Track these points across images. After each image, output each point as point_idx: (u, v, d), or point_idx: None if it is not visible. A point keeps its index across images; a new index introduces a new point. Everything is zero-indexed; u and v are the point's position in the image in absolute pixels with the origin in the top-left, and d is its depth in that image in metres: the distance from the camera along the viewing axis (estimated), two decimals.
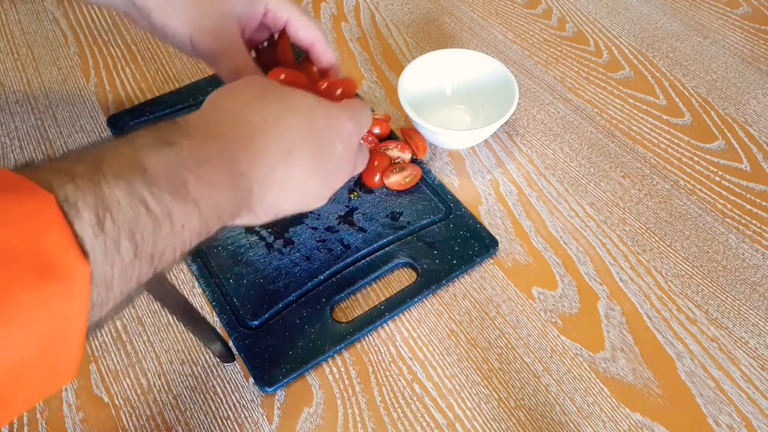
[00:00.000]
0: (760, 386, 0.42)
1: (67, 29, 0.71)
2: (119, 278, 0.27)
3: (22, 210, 0.23)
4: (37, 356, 0.23)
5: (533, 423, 0.41)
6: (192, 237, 0.31)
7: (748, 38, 0.67)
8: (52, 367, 0.25)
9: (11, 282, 0.22)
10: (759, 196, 0.53)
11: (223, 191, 0.32)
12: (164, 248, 0.29)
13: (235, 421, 0.42)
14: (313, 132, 0.38)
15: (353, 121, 0.41)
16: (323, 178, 0.39)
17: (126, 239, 0.26)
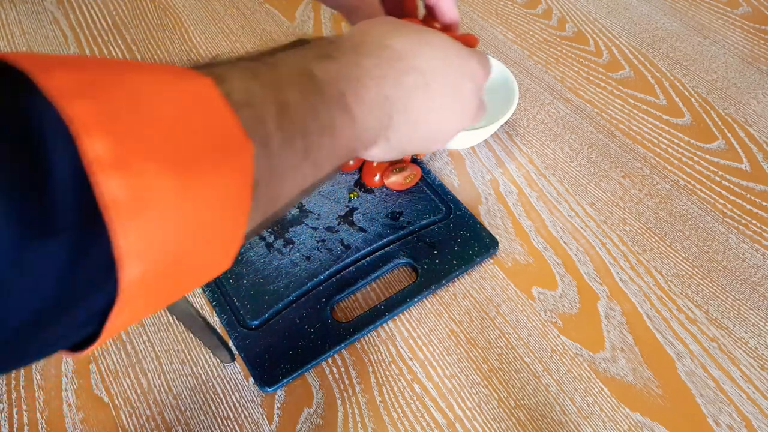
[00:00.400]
0: (760, 386, 0.42)
1: (67, 29, 0.71)
2: (291, 176, 0.28)
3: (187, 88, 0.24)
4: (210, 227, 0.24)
5: (533, 423, 0.41)
6: (343, 152, 0.33)
7: (748, 38, 0.67)
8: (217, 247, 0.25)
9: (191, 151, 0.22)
10: (759, 196, 0.53)
11: (371, 109, 0.34)
12: (325, 157, 0.31)
13: (235, 421, 0.42)
14: (448, 67, 0.39)
15: (481, 65, 0.42)
16: (452, 115, 0.40)
17: (299, 138, 0.28)
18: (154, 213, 0.21)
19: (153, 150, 0.21)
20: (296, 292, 0.46)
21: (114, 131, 0.20)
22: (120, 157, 0.20)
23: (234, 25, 0.71)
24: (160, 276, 0.22)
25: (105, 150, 0.19)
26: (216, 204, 0.23)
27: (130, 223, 0.20)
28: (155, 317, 0.47)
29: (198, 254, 0.24)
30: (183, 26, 0.71)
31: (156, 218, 0.21)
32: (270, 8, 0.73)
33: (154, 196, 0.21)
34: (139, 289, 0.22)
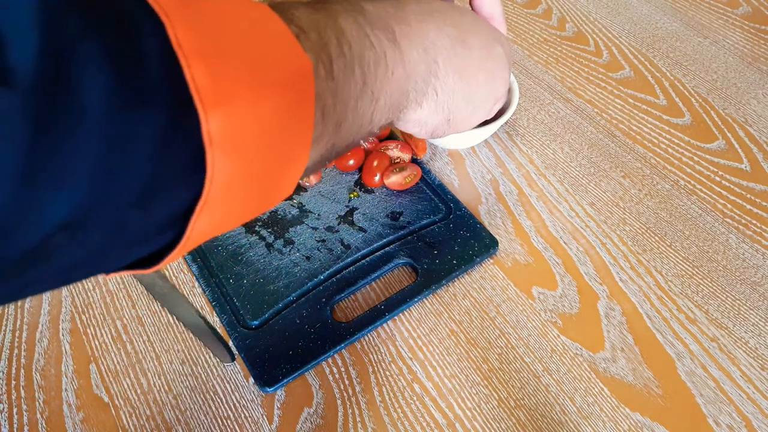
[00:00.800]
0: (760, 386, 0.42)
1: None
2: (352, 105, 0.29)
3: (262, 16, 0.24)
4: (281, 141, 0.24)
5: (533, 423, 0.41)
6: (397, 92, 0.34)
7: (748, 38, 0.67)
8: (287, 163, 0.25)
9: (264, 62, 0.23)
10: (759, 196, 0.53)
11: (419, 50, 0.35)
12: (380, 90, 0.32)
13: (235, 421, 0.42)
14: (481, 30, 0.40)
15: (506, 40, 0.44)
16: (488, 76, 0.41)
17: (358, 66, 0.29)
18: (236, 107, 0.21)
19: (232, 50, 0.21)
20: (296, 292, 0.46)
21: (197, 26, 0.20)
22: (203, 50, 0.20)
23: None
24: (241, 177, 0.23)
25: (192, 37, 0.20)
26: (285, 112, 0.24)
27: (217, 110, 0.20)
28: (155, 317, 0.47)
29: (271, 164, 0.24)
30: None
31: (239, 111, 0.21)
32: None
33: (237, 91, 0.21)
34: (222, 186, 0.22)
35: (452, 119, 0.41)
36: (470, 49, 0.39)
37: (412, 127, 0.40)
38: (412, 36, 0.34)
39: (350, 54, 0.29)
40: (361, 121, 0.31)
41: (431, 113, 0.39)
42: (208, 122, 0.20)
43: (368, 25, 0.31)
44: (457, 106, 0.40)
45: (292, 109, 0.24)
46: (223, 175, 0.21)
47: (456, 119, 0.41)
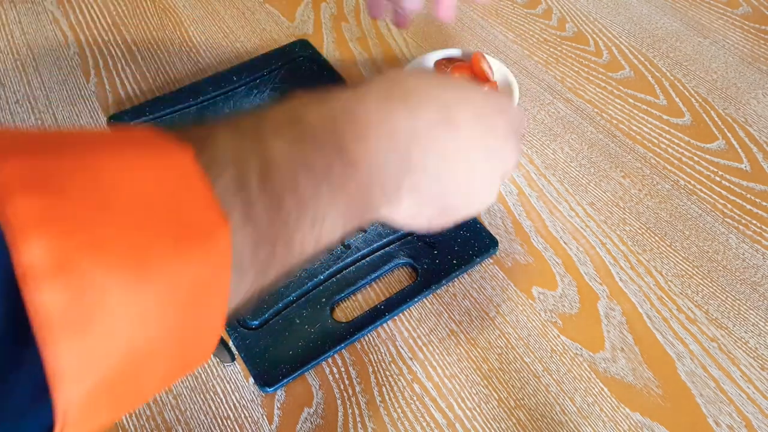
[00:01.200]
0: (760, 386, 0.42)
1: (67, 29, 0.71)
2: (283, 241, 0.25)
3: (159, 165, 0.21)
4: (175, 325, 0.21)
5: (533, 423, 0.41)
6: (354, 205, 0.29)
7: (748, 38, 0.67)
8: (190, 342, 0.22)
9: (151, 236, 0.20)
10: (759, 196, 0.53)
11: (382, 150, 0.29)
12: (326, 211, 0.27)
13: (235, 421, 0.42)
14: (470, 102, 0.34)
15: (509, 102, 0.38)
16: (490, 153, 0.34)
17: (289, 195, 0.25)
18: (101, 322, 0.18)
19: (106, 244, 0.18)
20: (296, 292, 0.46)
21: (59, 228, 0.18)
22: (62, 260, 0.17)
23: (234, 25, 0.71)
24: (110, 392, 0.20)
25: (44, 254, 0.17)
26: (183, 296, 0.20)
27: (67, 340, 0.17)
28: None
29: (162, 357, 0.21)
30: (183, 26, 0.71)
31: (104, 329, 0.18)
32: (270, 8, 0.73)
33: (103, 302, 0.18)
34: (83, 411, 0.19)
35: (448, 207, 0.35)
36: (457, 126, 0.32)
37: (400, 222, 0.34)
38: (371, 137, 0.29)
39: (279, 183, 0.24)
40: (300, 252, 0.27)
41: (415, 208, 0.33)
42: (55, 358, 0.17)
43: (306, 142, 0.26)
44: (450, 193, 0.34)
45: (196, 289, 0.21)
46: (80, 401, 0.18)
47: (453, 206, 0.35)
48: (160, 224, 0.20)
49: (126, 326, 0.19)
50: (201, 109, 0.60)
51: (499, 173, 0.36)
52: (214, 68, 0.65)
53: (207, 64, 0.66)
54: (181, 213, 0.21)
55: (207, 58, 0.67)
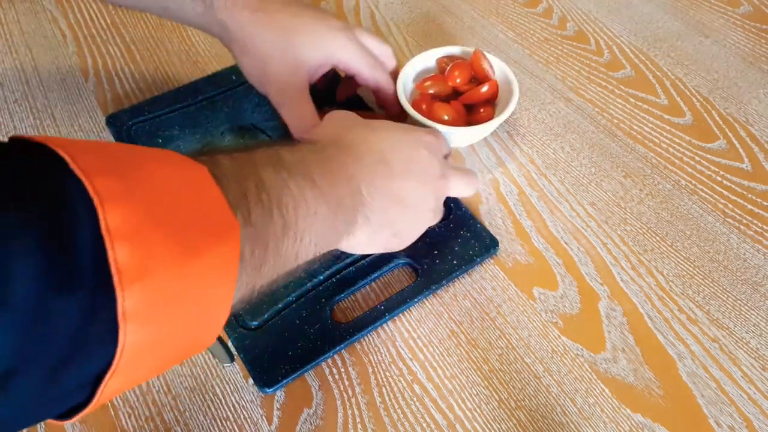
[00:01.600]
0: (761, 387, 0.42)
1: (66, 28, 0.70)
2: (273, 248, 0.31)
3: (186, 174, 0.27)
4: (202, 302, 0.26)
5: (534, 424, 0.41)
6: (323, 229, 0.35)
7: (749, 38, 0.67)
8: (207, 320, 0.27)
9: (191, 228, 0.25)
10: (760, 196, 0.53)
11: (341, 186, 0.37)
12: (304, 230, 0.33)
13: (235, 422, 0.41)
14: (398, 143, 0.43)
15: (430, 134, 0.45)
16: (419, 183, 0.43)
17: (276, 210, 0.31)
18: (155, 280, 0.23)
19: (160, 225, 0.24)
20: (296, 292, 0.46)
21: (129, 205, 0.23)
22: (132, 229, 0.23)
23: None
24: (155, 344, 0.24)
25: (120, 220, 0.22)
26: (210, 277, 0.26)
27: (134, 287, 0.22)
28: None
29: (190, 325, 0.26)
30: (182, 26, 0.71)
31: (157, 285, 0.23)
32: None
33: (158, 264, 0.23)
34: (134, 354, 0.23)
35: (398, 232, 0.43)
36: (391, 167, 0.41)
37: (359, 250, 0.43)
38: (331, 175, 0.36)
39: (268, 200, 0.31)
40: (285, 261, 0.33)
41: (370, 235, 0.41)
42: (123, 300, 0.22)
43: (285, 172, 0.33)
44: (396, 220, 0.42)
45: (217, 268, 0.26)
46: (135, 345, 0.23)
47: (402, 231, 0.43)
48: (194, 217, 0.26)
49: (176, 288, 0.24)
50: (200, 109, 0.60)
51: (433, 197, 0.44)
52: (214, 67, 0.65)
53: (206, 64, 0.66)
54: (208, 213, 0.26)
55: (206, 57, 0.67)
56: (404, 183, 0.41)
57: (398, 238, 0.43)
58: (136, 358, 0.24)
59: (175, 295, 0.24)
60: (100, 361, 0.23)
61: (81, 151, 0.23)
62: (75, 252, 0.21)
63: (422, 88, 0.56)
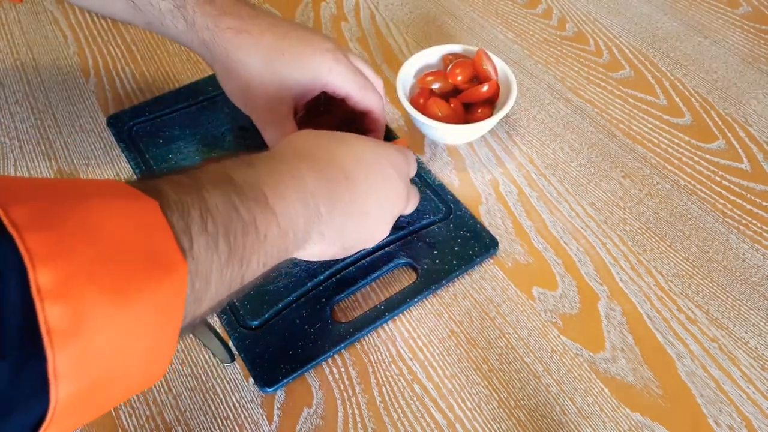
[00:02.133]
0: (760, 386, 0.42)
1: (67, 29, 0.71)
2: (216, 277, 0.30)
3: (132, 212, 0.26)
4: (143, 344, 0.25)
5: (533, 423, 0.41)
6: (272, 250, 0.34)
7: (748, 38, 0.67)
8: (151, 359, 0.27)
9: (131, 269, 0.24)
10: (759, 196, 0.53)
11: (295, 206, 0.35)
12: (251, 255, 0.32)
13: (235, 422, 0.42)
14: (363, 159, 0.41)
15: (399, 152, 0.44)
16: (382, 201, 0.42)
17: (222, 239, 0.30)
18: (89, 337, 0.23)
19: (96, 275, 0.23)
20: (296, 292, 0.46)
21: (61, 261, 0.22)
22: (63, 286, 0.22)
23: None
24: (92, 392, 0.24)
25: (51, 280, 0.22)
26: (151, 320, 0.25)
27: (65, 347, 0.22)
28: None
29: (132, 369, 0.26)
30: None
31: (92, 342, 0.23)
32: (270, 8, 0.73)
33: (92, 321, 0.23)
34: (70, 405, 0.23)
35: (348, 246, 0.42)
36: (354, 184, 0.39)
37: (305, 258, 0.41)
38: (286, 196, 0.35)
39: (214, 229, 0.29)
40: (229, 286, 0.32)
41: (322, 248, 0.40)
42: (54, 360, 0.22)
43: (235, 195, 0.31)
44: (349, 237, 0.41)
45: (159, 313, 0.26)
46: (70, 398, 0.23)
47: (354, 246, 0.43)
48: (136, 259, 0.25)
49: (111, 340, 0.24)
50: (201, 109, 0.60)
51: (390, 214, 0.43)
52: None
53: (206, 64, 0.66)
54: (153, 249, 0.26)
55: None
56: (366, 201, 0.40)
57: (347, 250, 0.43)
58: (72, 408, 0.24)
59: (112, 347, 0.24)
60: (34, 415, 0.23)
61: (14, 201, 0.22)
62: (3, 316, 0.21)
63: (423, 82, 0.56)
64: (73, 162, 0.57)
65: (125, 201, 0.26)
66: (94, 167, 0.57)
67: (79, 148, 0.58)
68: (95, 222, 0.24)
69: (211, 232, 0.29)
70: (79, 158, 0.58)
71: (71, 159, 0.58)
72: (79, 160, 0.57)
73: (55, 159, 0.58)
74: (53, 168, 0.57)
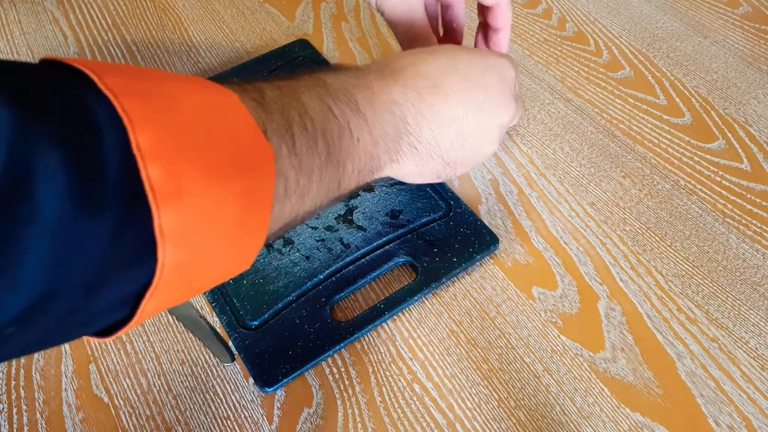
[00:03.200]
0: (760, 386, 0.42)
1: (67, 29, 0.71)
2: (317, 176, 0.31)
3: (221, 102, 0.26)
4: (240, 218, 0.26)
5: (533, 423, 0.41)
6: (366, 157, 0.35)
7: (748, 38, 0.67)
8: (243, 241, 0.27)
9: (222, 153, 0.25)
10: (759, 196, 0.53)
11: (383, 114, 0.36)
12: (347, 158, 0.33)
13: (235, 421, 0.42)
14: (455, 67, 0.40)
15: (505, 59, 0.43)
16: (480, 107, 0.40)
17: (321, 139, 0.31)
18: (188, 200, 0.23)
19: (191, 148, 0.23)
20: (296, 292, 0.46)
21: (160, 126, 0.22)
22: (162, 150, 0.22)
23: (234, 25, 0.71)
24: (193, 265, 0.24)
25: (150, 142, 0.22)
26: (243, 198, 0.25)
27: (169, 205, 0.22)
28: (155, 317, 0.47)
29: (226, 249, 0.26)
30: (183, 26, 0.71)
31: (191, 205, 0.23)
32: (270, 8, 0.73)
33: (192, 188, 0.23)
34: (173, 273, 0.23)
35: (451, 161, 0.41)
36: (445, 92, 0.38)
37: (410, 180, 0.42)
38: (375, 102, 0.36)
39: (312, 128, 0.30)
40: (328, 189, 0.33)
41: (419, 164, 0.39)
42: (160, 217, 0.22)
43: (330, 98, 0.33)
44: (448, 149, 0.40)
45: (251, 194, 0.26)
46: (174, 263, 0.23)
47: (455, 160, 0.41)
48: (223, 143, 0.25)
49: (209, 213, 0.24)
50: None
51: (494, 124, 0.41)
52: (214, 68, 0.65)
53: (207, 64, 0.66)
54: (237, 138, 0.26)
55: (207, 58, 0.67)
56: (459, 108, 0.39)
57: (452, 167, 0.41)
58: (175, 277, 0.23)
59: (210, 217, 0.24)
60: (139, 280, 0.23)
61: (109, 72, 0.22)
62: (104, 171, 0.20)
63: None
64: None
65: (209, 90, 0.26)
66: None
67: None
68: (185, 103, 0.24)
69: (310, 131, 0.30)
70: None
71: None
72: None
73: None
74: None
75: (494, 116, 0.41)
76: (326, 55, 0.66)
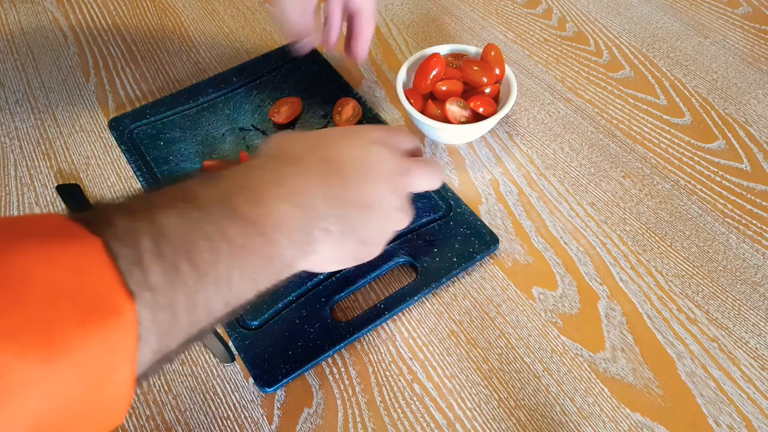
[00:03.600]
0: (760, 386, 0.42)
1: (67, 29, 0.71)
2: (185, 305, 0.27)
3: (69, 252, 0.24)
4: (85, 396, 0.24)
5: (533, 423, 0.41)
6: (260, 261, 0.32)
7: (748, 38, 0.67)
8: (102, 408, 0.25)
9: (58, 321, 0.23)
10: (759, 196, 0.53)
11: (280, 208, 0.33)
12: (230, 271, 0.29)
13: (235, 422, 0.42)
14: (347, 147, 0.39)
15: (381, 130, 0.42)
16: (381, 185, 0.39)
17: (185, 262, 0.27)
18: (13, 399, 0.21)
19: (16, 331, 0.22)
20: (296, 291, 0.46)
21: None
22: None
23: (234, 25, 0.71)
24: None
25: None
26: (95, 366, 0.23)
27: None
28: None
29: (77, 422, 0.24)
30: (183, 26, 0.71)
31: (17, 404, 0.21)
32: (270, 8, 0.73)
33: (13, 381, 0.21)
34: None
35: (366, 239, 0.39)
36: (343, 173, 0.37)
37: (328, 267, 0.39)
38: (266, 200, 0.33)
39: (172, 253, 0.27)
40: (209, 310, 0.29)
41: (336, 248, 0.37)
42: None
43: (197, 211, 0.29)
44: (360, 226, 0.38)
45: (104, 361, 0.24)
46: None
47: (370, 237, 0.39)
48: (67, 308, 0.23)
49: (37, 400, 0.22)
50: (201, 111, 0.60)
51: (395, 195, 0.40)
52: (214, 68, 0.65)
53: (207, 64, 0.66)
54: (89, 295, 0.24)
55: (207, 58, 0.67)
56: (361, 186, 0.38)
57: (367, 245, 0.40)
58: None
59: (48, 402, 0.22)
60: None
61: None
62: None
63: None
64: (72, 162, 0.57)
65: (59, 245, 0.24)
66: (94, 167, 0.57)
67: (79, 148, 0.58)
68: (18, 274, 0.23)
69: (168, 256, 0.27)
70: (79, 158, 0.58)
71: (71, 159, 0.58)
72: (79, 160, 0.57)
73: (55, 159, 0.58)
74: (53, 168, 0.57)
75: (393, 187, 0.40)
76: (326, 55, 0.66)
